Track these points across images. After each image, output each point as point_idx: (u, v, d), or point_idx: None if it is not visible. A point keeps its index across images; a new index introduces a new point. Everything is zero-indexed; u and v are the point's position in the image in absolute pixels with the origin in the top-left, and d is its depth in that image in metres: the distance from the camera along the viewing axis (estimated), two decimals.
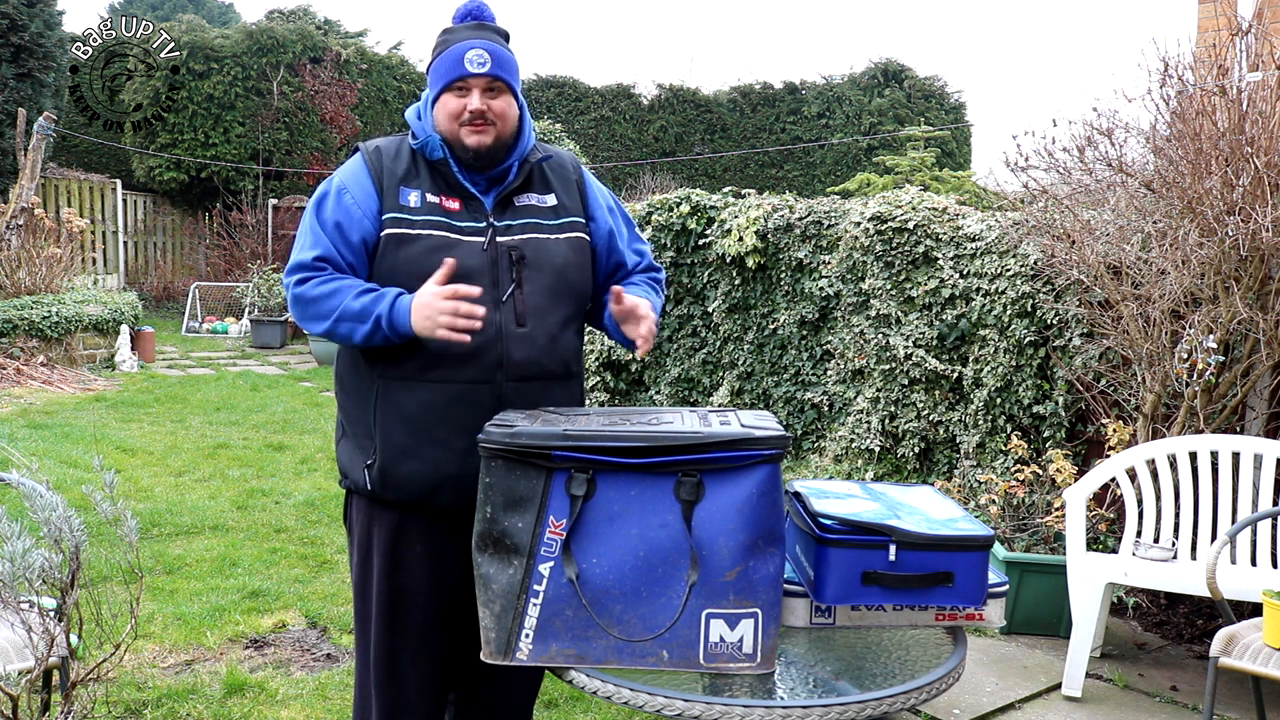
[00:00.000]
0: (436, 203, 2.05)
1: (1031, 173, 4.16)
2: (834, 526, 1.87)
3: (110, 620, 2.38)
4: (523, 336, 2.04)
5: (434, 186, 2.07)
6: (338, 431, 2.21)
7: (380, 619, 2.11)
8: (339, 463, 2.18)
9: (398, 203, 2.04)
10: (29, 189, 9.87)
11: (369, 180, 2.06)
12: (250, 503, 5.16)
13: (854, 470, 5.21)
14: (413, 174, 2.07)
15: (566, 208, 2.17)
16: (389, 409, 2.03)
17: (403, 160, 2.08)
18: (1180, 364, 3.61)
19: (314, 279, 2.02)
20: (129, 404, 7.78)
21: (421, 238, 2.02)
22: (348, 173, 2.09)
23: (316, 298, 2.00)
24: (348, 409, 2.13)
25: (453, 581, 2.09)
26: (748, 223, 6.00)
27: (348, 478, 2.14)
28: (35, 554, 1.92)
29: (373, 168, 2.07)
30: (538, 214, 2.12)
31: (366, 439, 2.07)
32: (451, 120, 2.04)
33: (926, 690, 1.75)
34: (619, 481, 1.71)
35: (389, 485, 2.05)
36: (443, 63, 2.05)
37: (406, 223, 2.02)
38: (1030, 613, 3.74)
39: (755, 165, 18.53)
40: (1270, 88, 3.51)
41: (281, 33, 15.05)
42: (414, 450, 2.02)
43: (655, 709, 1.65)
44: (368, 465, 2.06)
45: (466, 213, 2.06)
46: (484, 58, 2.03)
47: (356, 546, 2.17)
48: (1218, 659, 2.62)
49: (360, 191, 2.05)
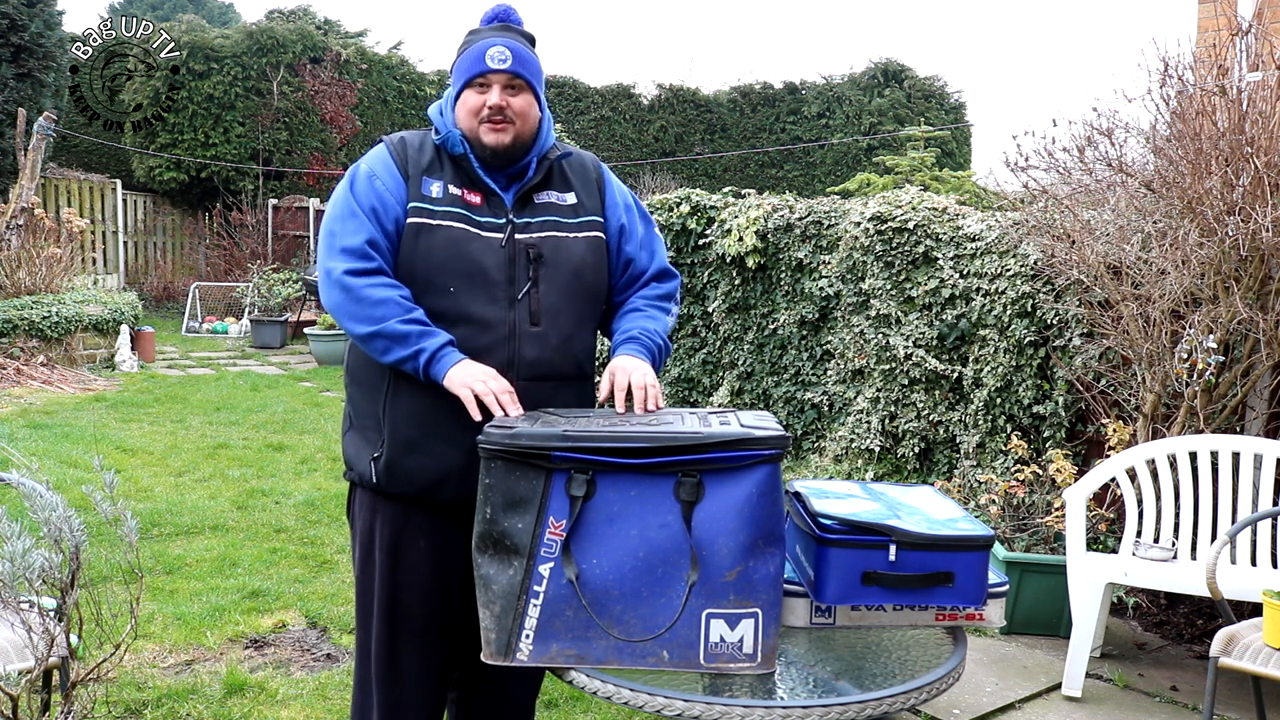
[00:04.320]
0: (459, 195, 2.06)
1: (1031, 173, 4.16)
2: (834, 526, 1.87)
3: (110, 620, 2.38)
4: (536, 336, 2.04)
5: (457, 180, 2.08)
6: (345, 423, 2.20)
7: (382, 614, 2.11)
8: (345, 454, 2.18)
9: (420, 191, 2.04)
10: (29, 189, 9.86)
11: (395, 167, 2.06)
12: (250, 503, 5.16)
13: (854, 470, 5.21)
14: (436, 166, 2.08)
15: (586, 206, 2.16)
16: (399, 403, 2.03)
17: (426, 152, 2.10)
18: (1180, 364, 3.61)
19: (368, 277, 1.98)
20: (129, 404, 7.78)
21: (441, 228, 2.02)
22: (374, 160, 2.09)
23: (369, 300, 1.97)
24: (357, 401, 2.13)
25: (454, 578, 2.09)
26: (748, 223, 5.99)
27: (353, 469, 2.13)
28: (35, 554, 1.92)
29: (398, 156, 2.08)
30: (557, 212, 2.12)
31: (374, 431, 2.07)
32: (471, 116, 2.05)
33: (926, 690, 1.75)
34: (619, 482, 1.71)
35: (395, 478, 2.04)
36: (465, 59, 2.06)
37: (428, 212, 2.03)
38: (1030, 613, 3.74)
39: (755, 165, 18.52)
40: (1270, 88, 3.51)
41: (281, 33, 15.05)
42: (421, 444, 2.02)
43: (655, 709, 1.65)
44: (374, 458, 2.06)
45: (487, 208, 2.07)
46: (505, 54, 2.03)
47: (359, 541, 2.17)
48: (1218, 659, 2.62)
49: (389, 177, 2.05)
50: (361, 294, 1.96)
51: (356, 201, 2.04)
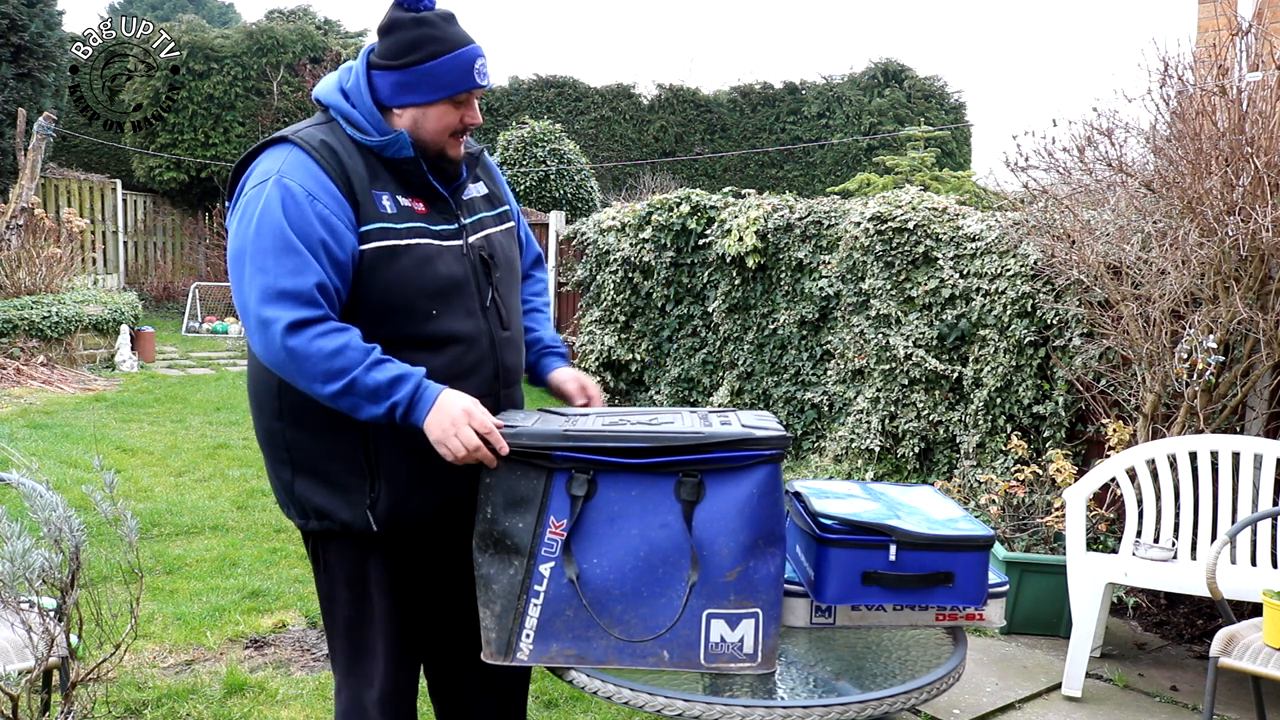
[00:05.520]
0: (409, 206, 1.85)
1: (1031, 173, 4.16)
2: (834, 526, 1.87)
3: (110, 620, 2.38)
4: (508, 340, 1.97)
5: (401, 188, 1.86)
6: (281, 470, 1.91)
7: (391, 655, 1.97)
8: (302, 504, 1.92)
9: (375, 210, 1.80)
10: (29, 189, 9.86)
11: (332, 184, 1.77)
12: (250, 503, 5.16)
13: (854, 470, 5.21)
14: (375, 174, 1.83)
15: (495, 196, 2.07)
16: (390, 444, 1.84)
17: (357, 158, 1.83)
18: (1180, 364, 3.61)
19: (315, 328, 1.70)
20: (129, 404, 7.78)
21: (409, 249, 1.81)
22: (302, 174, 1.77)
23: (322, 353, 1.69)
24: (309, 446, 1.87)
25: (454, 586, 2.04)
26: (748, 223, 6.00)
27: (329, 519, 1.89)
28: (35, 554, 1.92)
29: (331, 169, 1.78)
30: (482, 207, 2.00)
31: (358, 477, 1.86)
32: (443, 132, 1.86)
33: (926, 690, 1.75)
34: (619, 482, 1.71)
35: (401, 519, 1.89)
36: (445, 71, 1.82)
37: (392, 233, 1.80)
38: (1030, 613, 3.74)
39: (755, 165, 18.52)
40: (1270, 88, 3.51)
41: (281, 33, 15.05)
42: (426, 479, 1.87)
43: (655, 709, 1.65)
44: (369, 505, 1.87)
45: (437, 214, 1.89)
46: (486, 67, 1.87)
47: (345, 586, 1.96)
48: (1218, 659, 2.62)
49: (328, 198, 1.76)
50: (311, 349, 1.69)
51: (294, 230, 1.72)
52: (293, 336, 1.69)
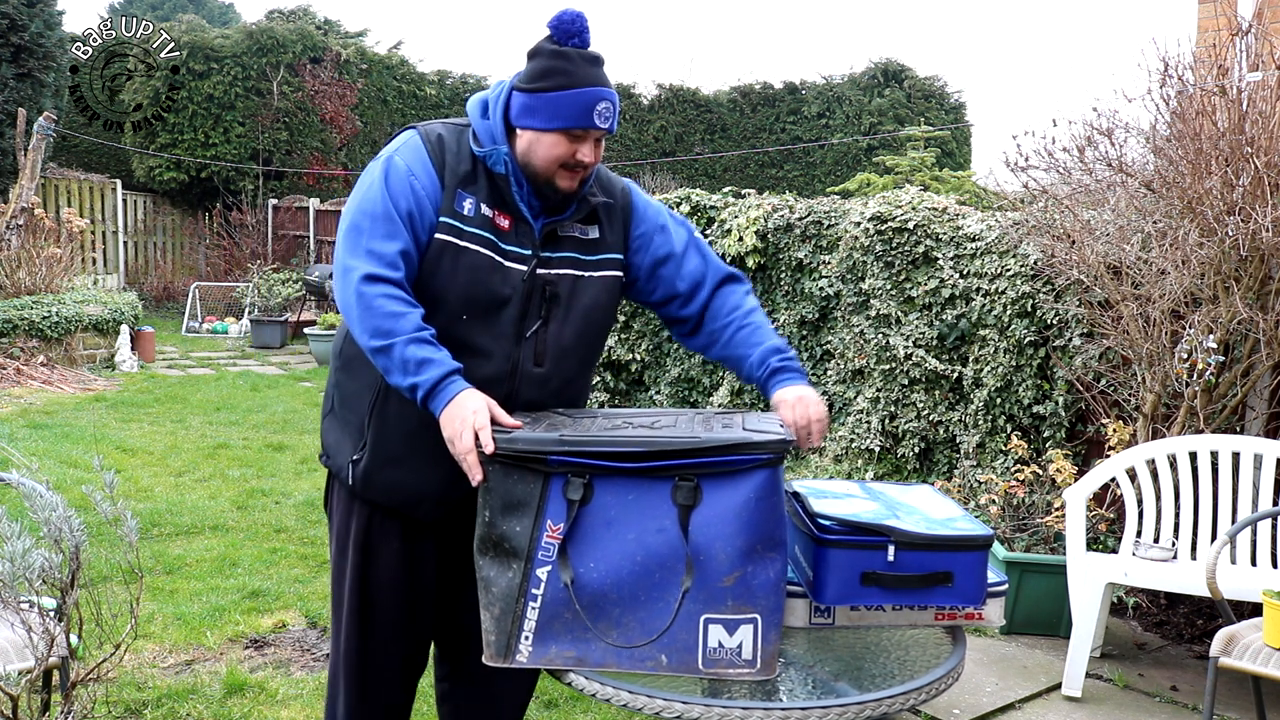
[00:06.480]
0: (490, 217, 1.93)
1: (1031, 173, 4.16)
2: (833, 527, 1.87)
3: (110, 620, 2.38)
4: (537, 377, 1.98)
5: (491, 198, 1.94)
6: (325, 404, 2.12)
7: (352, 608, 2.09)
8: (323, 438, 2.12)
9: (454, 206, 1.91)
10: (29, 189, 9.87)
11: (433, 169, 1.92)
12: (250, 503, 5.16)
13: (854, 470, 5.21)
14: (472, 178, 1.94)
15: (607, 242, 2.06)
16: (387, 414, 1.97)
17: (464, 160, 1.95)
18: (1180, 364, 3.61)
19: (387, 286, 1.84)
20: (129, 404, 7.78)
21: (467, 253, 1.90)
22: (410, 155, 1.94)
23: (381, 312, 1.82)
24: (345, 387, 2.05)
25: (426, 582, 2.09)
26: (748, 223, 5.99)
27: (331, 460, 2.09)
28: (35, 554, 1.92)
29: (435, 157, 1.94)
30: (578, 248, 2.02)
31: (357, 432, 2.02)
32: (553, 161, 1.91)
33: (926, 690, 1.75)
34: (616, 486, 1.71)
35: (370, 487, 2.02)
36: (566, 104, 1.88)
37: (458, 231, 1.91)
38: (1030, 613, 3.74)
39: (755, 165, 18.52)
40: (1270, 88, 3.51)
41: (281, 33, 15.05)
42: (403, 461, 1.98)
43: (654, 711, 1.65)
44: (353, 460, 2.02)
45: (514, 235, 1.95)
46: (610, 112, 1.91)
47: (335, 534, 2.14)
48: (1218, 659, 2.62)
49: (427, 179, 1.91)
50: (374, 303, 1.83)
51: (392, 200, 1.89)
52: (367, 285, 1.84)
